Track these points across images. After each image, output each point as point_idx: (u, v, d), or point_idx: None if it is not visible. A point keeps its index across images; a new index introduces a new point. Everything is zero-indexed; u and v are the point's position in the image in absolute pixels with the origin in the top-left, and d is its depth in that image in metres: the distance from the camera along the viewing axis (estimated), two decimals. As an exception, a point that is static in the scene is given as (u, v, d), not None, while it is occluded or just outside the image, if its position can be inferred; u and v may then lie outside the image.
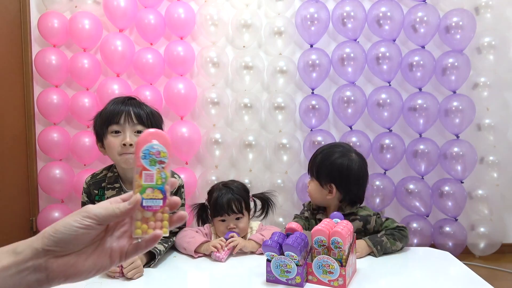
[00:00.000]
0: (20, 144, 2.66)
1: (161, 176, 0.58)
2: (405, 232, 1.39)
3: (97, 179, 1.45)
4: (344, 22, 2.53)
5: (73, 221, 0.53)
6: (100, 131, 1.38)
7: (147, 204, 0.57)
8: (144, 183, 0.57)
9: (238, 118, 2.59)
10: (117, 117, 1.34)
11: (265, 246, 1.12)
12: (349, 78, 2.56)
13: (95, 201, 1.43)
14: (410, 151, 2.55)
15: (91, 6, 2.62)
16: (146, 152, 0.58)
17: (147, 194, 0.57)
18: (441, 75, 2.53)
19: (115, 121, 1.34)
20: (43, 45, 2.67)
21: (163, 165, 0.58)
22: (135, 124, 1.35)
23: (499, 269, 2.45)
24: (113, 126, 1.34)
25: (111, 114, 1.35)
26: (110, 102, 1.41)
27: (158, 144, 0.58)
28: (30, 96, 2.70)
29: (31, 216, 2.72)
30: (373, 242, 1.34)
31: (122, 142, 1.32)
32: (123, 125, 1.34)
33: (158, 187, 0.58)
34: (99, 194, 1.43)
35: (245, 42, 2.60)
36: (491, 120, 2.53)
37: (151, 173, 0.58)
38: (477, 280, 1.16)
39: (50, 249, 0.53)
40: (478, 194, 2.54)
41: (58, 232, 0.53)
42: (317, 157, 1.48)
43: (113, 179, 1.43)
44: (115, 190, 1.41)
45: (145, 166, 0.58)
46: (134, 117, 1.35)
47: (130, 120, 1.34)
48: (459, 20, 2.49)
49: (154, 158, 0.58)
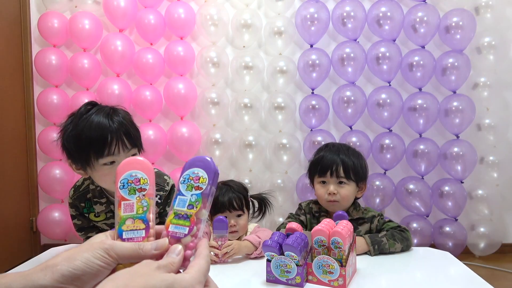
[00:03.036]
0: (20, 144, 2.66)
1: (142, 205, 0.54)
2: (406, 234, 1.39)
3: (80, 191, 1.35)
4: (344, 22, 2.53)
5: (93, 258, 0.48)
6: (82, 159, 1.15)
7: (128, 236, 0.52)
8: (123, 214, 0.53)
9: (238, 118, 2.59)
10: (109, 147, 1.13)
11: (265, 246, 1.12)
12: (349, 78, 2.56)
13: (84, 214, 1.35)
14: (410, 151, 2.55)
15: (91, 6, 2.62)
16: (125, 181, 0.54)
17: (127, 226, 0.53)
18: (441, 75, 2.53)
19: (107, 153, 1.13)
20: (43, 45, 2.67)
21: (143, 192, 0.54)
22: (129, 149, 1.17)
23: (499, 269, 2.45)
24: (107, 158, 1.13)
25: (99, 143, 1.12)
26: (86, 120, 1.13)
27: (137, 171, 0.55)
28: (30, 96, 2.70)
29: (31, 216, 2.72)
30: (372, 241, 1.34)
31: None
32: (117, 155, 1.14)
33: (139, 217, 0.53)
34: (86, 206, 1.33)
35: (245, 42, 2.60)
36: (491, 120, 2.53)
37: (130, 203, 0.54)
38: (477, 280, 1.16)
39: (62, 286, 0.47)
40: (478, 194, 2.54)
41: (78, 268, 0.47)
42: (347, 161, 1.44)
43: (97, 193, 1.32)
44: (103, 205, 1.32)
45: (123, 196, 0.54)
46: (127, 143, 1.16)
47: (125, 148, 1.15)
48: (459, 20, 2.49)
49: (133, 186, 0.54)
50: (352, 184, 1.44)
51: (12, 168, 2.57)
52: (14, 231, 2.57)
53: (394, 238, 1.36)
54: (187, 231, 0.52)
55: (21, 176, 2.66)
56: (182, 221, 0.53)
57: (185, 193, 0.54)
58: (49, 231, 2.60)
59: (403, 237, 1.38)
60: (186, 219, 0.53)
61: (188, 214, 0.53)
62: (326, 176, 1.44)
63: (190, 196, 0.54)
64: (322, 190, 1.45)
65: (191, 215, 0.53)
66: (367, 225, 1.44)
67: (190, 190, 0.54)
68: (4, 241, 2.46)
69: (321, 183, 1.45)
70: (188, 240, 0.52)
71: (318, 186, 1.47)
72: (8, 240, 2.50)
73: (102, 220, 1.35)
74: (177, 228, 0.52)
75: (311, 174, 1.50)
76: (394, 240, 1.35)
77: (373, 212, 1.47)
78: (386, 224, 1.43)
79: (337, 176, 1.42)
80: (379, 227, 1.43)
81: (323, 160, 1.45)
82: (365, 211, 1.47)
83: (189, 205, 0.54)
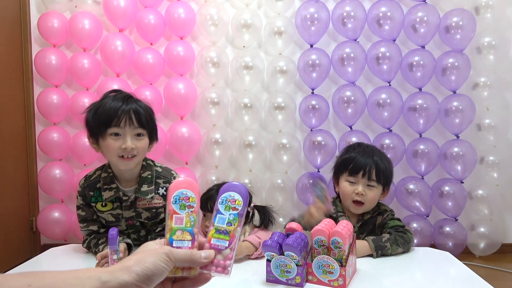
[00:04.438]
0: (20, 144, 2.66)
1: (190, 219, 0.64)
2: (408, 237, 1.39)
3: (91, 180, 1.42)
4: (344, 22, 2.53)
5: (159, 261, 0.57)
6: (96, 130, 1.32)
7: (177, 244, 0.62)
8: (174, 225, 0.63)
9: (238, 118, 2.59)
10: (118, 119, 1.29)
11: (265, 246, 1.12)
12: (349, 78, 2.56)
13: (91, 203, 1.40)
14: (410, 151, 2.55)
15: (91, 6, 2.62)
16: (177, 197, 0.65)
17: (176, 236, 0.63)
18: (441, 75, 2.53)
19: (115, 124, 1.29)
20: (43, 45, 2.67)
21: (192, 209, 0.65)
22: (136, 127, 1.31)
23: (499, 269, 2.45)
24: (113, 128, 1.29)
25: (110, 115, 1.29)
26: (108, 99, 1.33)
27: (187, 190, 0.65)
28: (30, 96, 2.70)
29: (31, 216, 2.72)
30: (376, 246, 1.34)
31: (122, 146, 1.30)
32: (123, 128, 1.30)
33: (187, 229, 0.63)
34: (95, 195, 1.40)
35: (245, 42, 2.60)
36: (491, 120, 2.53)
37: (180, 217, 0.64)
38: (477, 280, 1.16)
39: (138, 284, 0.54)
40: (478, 194, 2.54)
41: (148, 269, 0.55)
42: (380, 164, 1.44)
43: (108, 180, 1.40)
44: (113, 191, 1.39)
45: (175, 210, 0.64)
46: (135, 120, 1.31)
47: (131, 123, 1.30)
48: (459, 20, 2.49)
49: (184, 203, 0.65)
50: (380, 188, 1.45)
51: (12, 168, 2.57)
52: (14, 231, 2.57)
53: (397, 243, 1.36)
54: (227, 244, 0.63)
55: (21, 176, 2.66)
56: (222, 236, 0.64)
57: (224, 212, 0.65)
58: (49, 231, 2.60)
59: (405, 241, 1.38)
60: (226, 234, 0.64)
61: (227, 230, 0.64)
62: (357, 177, 1.43)
63: (228, 215, 0.65)
64: (349, 189, 1.44)
65: (230, 231, 0.64)
66: (380, 218, 1.49)
67: (228, 210, 0.65)
68: (4, 241, 2.46)
69: (349, 183, 1.45)
70: (227, 252, 0.63)
71: (345, 184, 1.46)
72: (8, 240, 2.50)
73: (108, 210, 1.40)
74: (219, 241, 0.64)
75: (339, 171, 1.49)
76: (397, 245, 1.36)
77: (386, 207, 1.52)
78: (392, 221, 1.45)
79: (368, 178, 1.42)
80: (385, 220, 1.47)
81: (357, 160, 1.44)
82: (380, 204, 1.52)
83: (227, 222, 0.65)
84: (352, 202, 1.44)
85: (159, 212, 1.43)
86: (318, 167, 2.57)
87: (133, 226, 1.44)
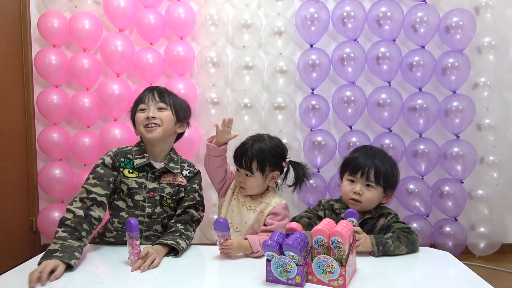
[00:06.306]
0: (20, 144, 2.66)
1: None
2: (412, 237, 1.39)
3: (124, 150, 1.58)
4: (344, 22, 2.53)
5: None
6: (133, 115, 1.59)
7: None
8: None
9: (238, 118, 2.59)
10: (144, 98, 1.58)
11: (265, 246, 1.12)
12: (349, 78, 2.56)
13: (120, 167, 1.53)
14: (410, 151, 2.55)
15: (91, 6, 2.62)
16: None
17: None
18: (441, 75, 2.53)
19: (142, 102, 1.57)
20: (43, 45, 2.67)
21: None
22: (158, 102, 1.56)
23: (499, 269, 2.45)
24: (141, 105, 1.57)
25: (139, 98, 1.60)
26: None
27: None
28: (30, 96, 2.70)
29: (31, 216, 2.72)
30: (377, 241, 1.34)
31: (146, 116, 1.53)
32: (147, 103, 1.56)
33: None
34: (125, 162, 1.55)
35: (245, 42, 2.60)
36: (491, 120, 2.53)
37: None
38: (477, 280, 1.16)
39: None
40: (478, 194, 2.54)
41: None
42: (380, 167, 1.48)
43: (140, 151, 1.57)
44: (145, 159, 1.55)
45: None
46: (157, 96, 1.57)
47: (154, 99, 1.57)
48: (459, 20, 2.49)
49: None
50: (379, 189, 1.49)
51: (12, 168, 2.57)
52: (14, 231, 2.57)
53: (400, 241, 1.36)
54: None
55: (21, 176, 2.66)
56: None
57: None
58: (49, 231, 2.60)
59: (409, 240, 1.38)
60: None
61: None
62: (356, 176, 1.50)
63: None
64: (348, 187, 1.52)
65: None
66: (383, 220, 1.50)
67: None
68: (4, 241, 2.46)
69: (350, 181, 1.53)
70: None
71: (346, 182, 1.54)
72: (8, 240, 2.50)
73: (133, 177, 1.54)
74: None
75: (342, 171, 1.58)
76: (399, 243, 1.36)
77: (390, 210, 1.54)
78: (397, 223, 1.46)
79: (366, 178, 1.48)
80: (389, 223, 1.48)
81: (357, 160, 1.52)
82: (383, 208, 1.55)
83: None
84: (350, 199, 1.51)
85: (180, 190, 1.60)
86: (318, 167, 2.57)
87: (151, 199, 1.54)
